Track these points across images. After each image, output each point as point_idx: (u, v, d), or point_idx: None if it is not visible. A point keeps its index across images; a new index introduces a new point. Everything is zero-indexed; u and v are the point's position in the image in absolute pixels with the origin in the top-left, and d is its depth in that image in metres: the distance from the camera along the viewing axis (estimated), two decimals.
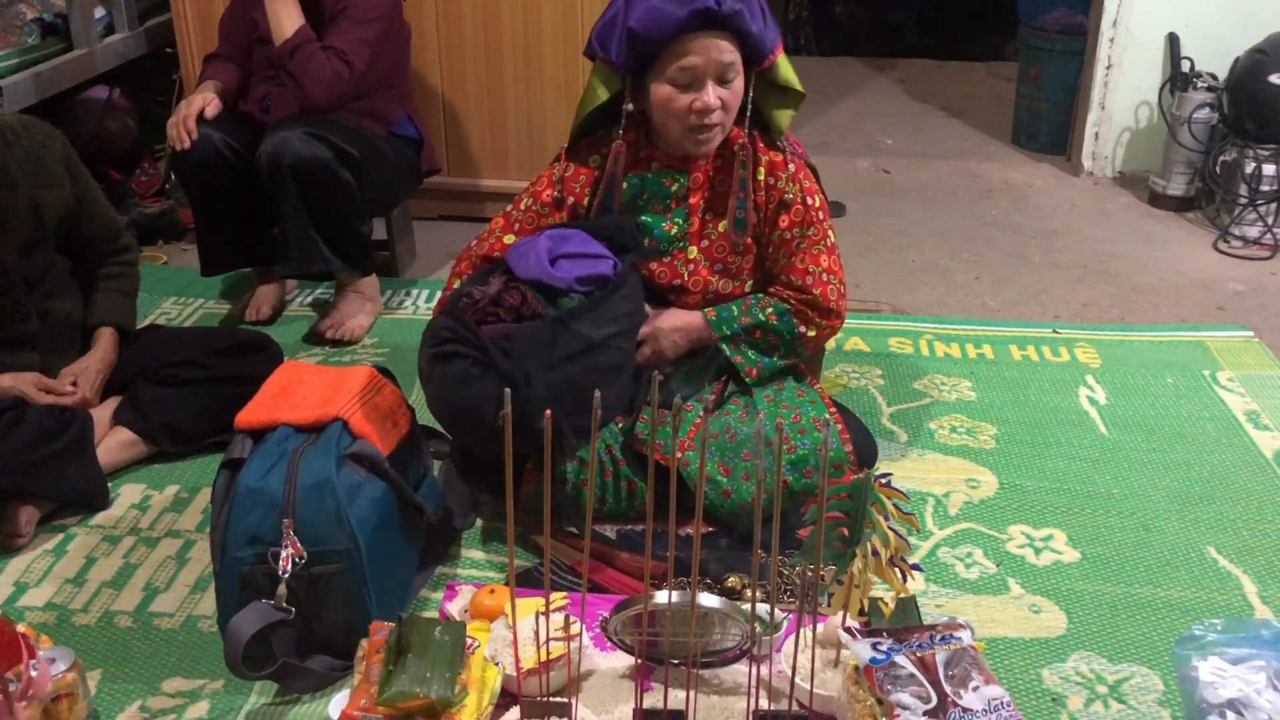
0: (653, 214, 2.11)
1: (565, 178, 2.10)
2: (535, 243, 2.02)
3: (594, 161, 2.11)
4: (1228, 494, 2.21)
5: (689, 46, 1.91)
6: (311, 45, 2.67)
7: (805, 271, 2.08)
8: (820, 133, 4.58)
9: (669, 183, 2.09)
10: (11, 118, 2.22)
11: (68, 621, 1.87)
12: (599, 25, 1.98)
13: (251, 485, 1.70)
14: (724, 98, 1.96)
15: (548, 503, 1.38)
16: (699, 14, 1.88)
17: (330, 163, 2.65)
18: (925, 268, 3.33)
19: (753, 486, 1.97)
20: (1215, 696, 1.52)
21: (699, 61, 1.92)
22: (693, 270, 2.12)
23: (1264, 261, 3.36)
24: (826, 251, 2.10)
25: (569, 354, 1.88)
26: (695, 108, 1.95)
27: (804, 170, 2.10)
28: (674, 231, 2.11)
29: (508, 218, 2.14)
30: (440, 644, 1.51)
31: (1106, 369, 2.69)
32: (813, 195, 2.09)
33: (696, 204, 2.10)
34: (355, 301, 2.86)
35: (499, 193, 3.49)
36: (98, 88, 3.52)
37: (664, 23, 1.89)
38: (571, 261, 2.01)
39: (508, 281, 2.01)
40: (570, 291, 1.99)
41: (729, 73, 1.95)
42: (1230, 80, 3.56)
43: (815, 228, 2.09)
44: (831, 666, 1.60)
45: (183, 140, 2.70)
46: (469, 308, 1.97)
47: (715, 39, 1.92)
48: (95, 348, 2.28)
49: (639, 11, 1.91)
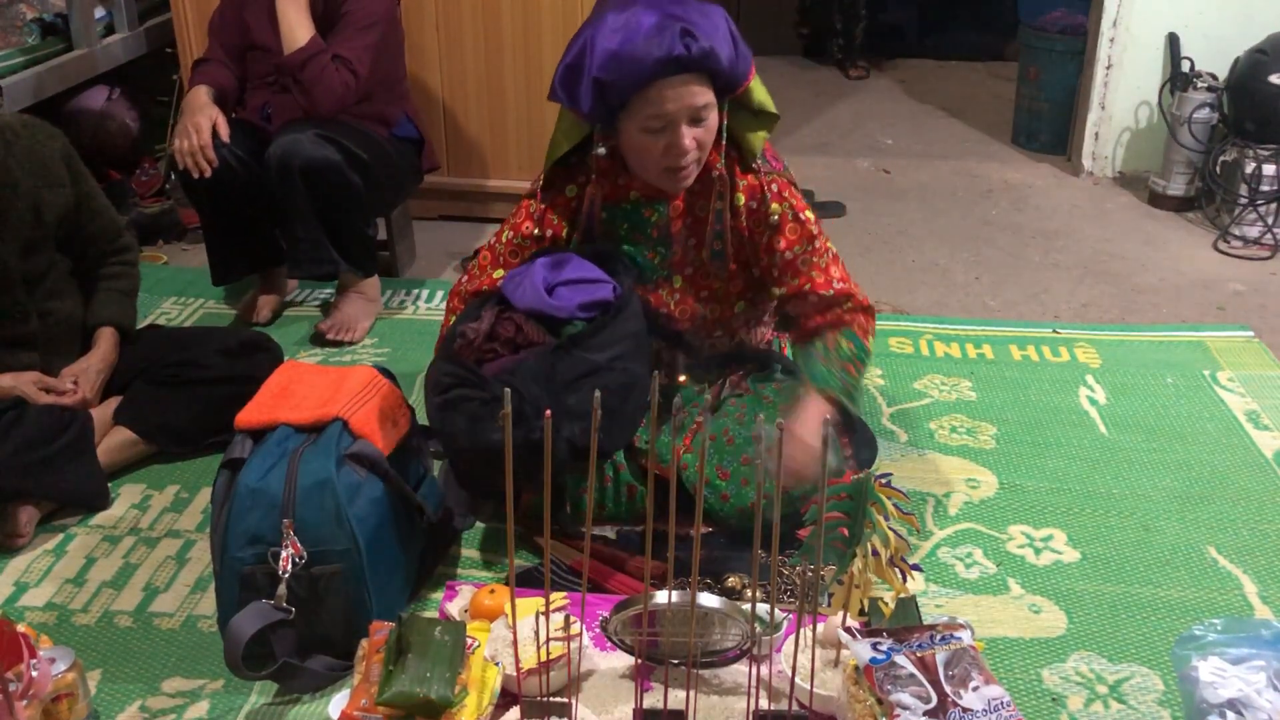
0: (633, 244, 2.05)
1: (543, 213, 2.03)
2: (529, 272, 1.96)
3: (570, 191, 2.03)
4: (1228, 494, 2.21)
5: (660, 94, 1.81)
6: (324, 56, 2.66)
7: (829, 282, 2.03)
8: (820, 133, 4.58)
9: (648, 213, 2.03)
10: (12, 118, 2.22)
11: (68, 621, 1.87)
12: (561, 69, 1.88)
13: (251, 485, 1.70)
14: (698, 137, 1.88)
15: (547, 503, 1.38)
16: (668, 62, 1.78)
17: (340, 165, 2.65)
18: (925, 268, 3.33)
19: (751, 492, 1.96)
20: (1215, 696, 1.52)
21: (671, 109, 1.82)
22: (679, 300, 2.08)
23: (1264, 261, 3.36)
24: (834, 261, 2.05)
25: (573, 378, 1.84)
26: (670, 152, 1.87)
27: (787, 187, 2.02)
28: (656, 261, 2.05)
29: (493, 251, 2.07)
30: (440, 644, 1.51)
31: (1106, 369, 2.69)
32: (803, 210, 2.02)
33: (678, 232, 2.03)
34: (358, 302, 2.86)
35: (499, 193, 3.49)
36: (98, 88, 3.52)
37: (632, 71, 1.79)
38: (570, 288, 1.95)
39: (499, 313, 1.95)
40: (573, 319, 1.93)
41: (703, 113, 1.86)
42: (1230, 80, 3.56)
43: (818, 239, 2.03)
44: (831, 666, 1.61)
45: (203, 169, 2.66)
46: (465, 348, 1.91)
47: (687, 83, 1.81)
48: (96, 348, 2.28)
49: (603, 59, 1.79)
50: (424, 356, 2.63)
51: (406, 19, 3.19)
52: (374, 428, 1.84)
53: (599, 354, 1.89)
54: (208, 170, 2.67)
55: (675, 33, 1.76)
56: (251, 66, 2.85)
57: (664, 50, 1.76)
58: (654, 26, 1.77)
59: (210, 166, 2.66)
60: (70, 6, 3.33)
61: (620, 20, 1.79)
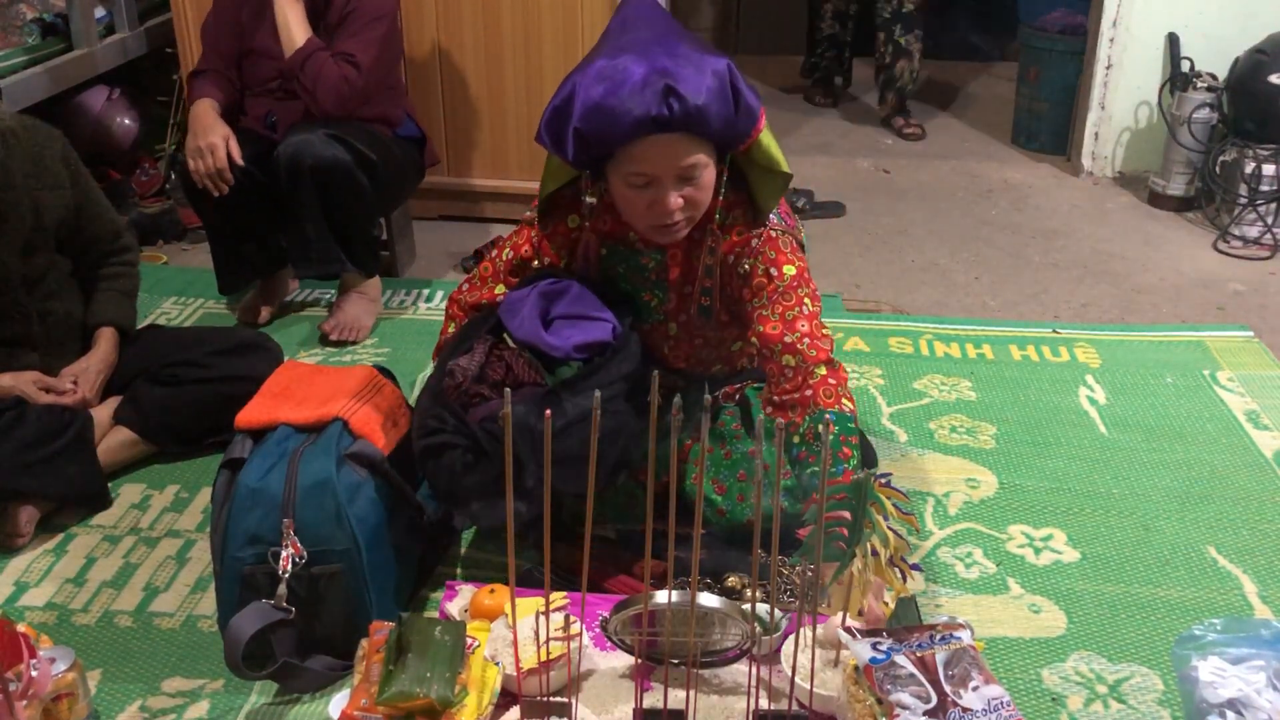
0: (631, 285, 1.96)
1: (541, 241, 1.94)
2: (527, 300, 1.88)
3: (573, 221, 1.92)
4: (1228, 494, 2.21)
5: (643, 153, 1.69)
6: (323, 54, 2.66)
7: (781, 334, 1.83)
8: (820, 133, 4.58)
9: (645, 260, 1.93)
10: (11, 119, 2.22)
11: (68, 621, 1.87)
12: (548, 113, 1.74)
13: (251, 485, 1.70)
14: (688, 195, 1.74)
15: (548, 502, 1.38)
16: (648, 121, 1.64)
17: (349, 165, 2.66)
18: (925, 268, 3.33)
19: (747, 509, 1.94)
20: (1215, 696, 1.52)
21: (651, 169, 1.71)
22: (673, 345, 2.02)
23: (1264, 261, 3.36)
24: (804, 318, 1.84)
25: (563, 425, 1.74)
26: (655, 211, 1.75)
27: (774, 243, 1.86)
28: (653, 304, 1.98)
29: (494, 265, 2.00)
30: (440, 644, 1.51)
31: (1106, 369, 2.69)
32: (779, 266, 1.85)
33: (674, 280, 1.94)
34: (360, 302, 2.86)
35: (499, 193, 3.49)
36: (98, 88, 3.52)
37: (613, 127, 1.66)
38: (569, 324, 1.87)
39: (491, 349, 1.90)
40: (568, 359, 1.87)
41: (692, 172, 1.72)
42: (1230, 80, 3.56)
43: (785, 295, 1.84)
44: (831, 666, 1.60)
45: (221, 190, 2.66)
46: (452, 390, 1.84)
47: (671, 143, 1.68)
48: (96, 348, 2.28)
49: (584, 110, 1.67)
50: (424, 356, 2.64)
51: (406, 19, 3.19)
52: (374, 427, 1.84)
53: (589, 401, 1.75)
54: (225, 190, 2.67)
55: (658, 90, 1.63)
56: (251, 73, 2.84)
57: (643, 109, 1.64)
58: (638, 82, 1.64)
59: (227, 186, 2.66)
60: (70, 6, 3.33)
61: (608, 69, 1.67)
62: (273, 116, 2.81)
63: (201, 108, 2.75)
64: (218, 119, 2.72)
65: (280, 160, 2.65)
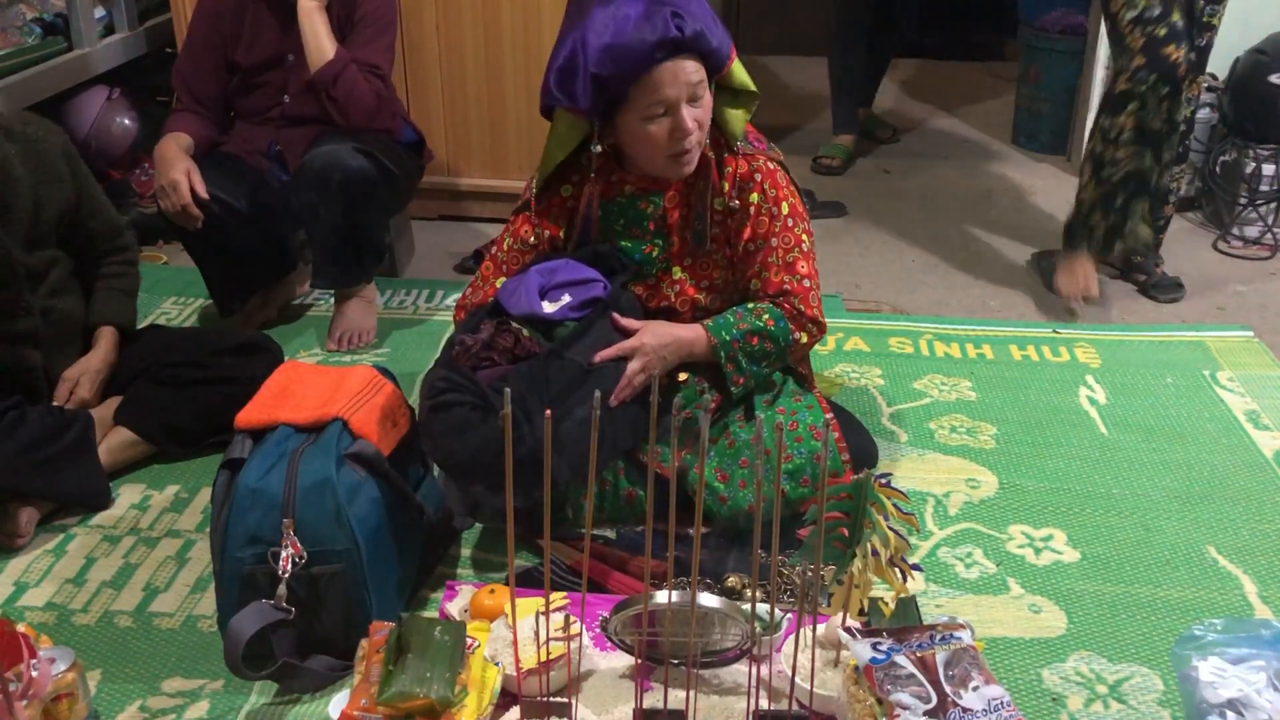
0: (631, 239, 2.07)
1: (541, 215, 2.07)
2: (524, 279, 1.99)
3: (565, 190, 2.06)
4: (1228, 494, 2.21)
5: (660, 78, 1.86)
6: (353, 69, 2.63)
7: (781, 282, 2.03)
8: (820, 133, 4.57)
9: (644, 205, 2.05)
10: (12, 115, 2.22)
11: (68, 621, 1.87)
12: (554, 73, 1.91)
13: (251, 485, 1.70)
14: (698, 117, 1.92)
15: (547, 502, 1.38)
16: (664, 44, 1.83)
17: (375, 178, 2.64)
18: (925, 268, 3.33)
19: (749, 494, 1.97)
20: (1215, 696, 1.52)
21: (671, 93, 1.87)
22: (679, 291, 2.08)
23: (1264, 261, 3.36)
24: (803, 258, 2.05)
25: (564, 387, 1.86)
26: (674, 136, 1.91)
27: (771, 177, 2.03)
28: (655, 254, 2.07)
29: (494, 260, 2.10)
30: (440, 644, 1.51)
31: (1106, 369, 2.69)
32: (779, 203, 2.03)
33: (674, 223, 2.05)
34: (359, 306, 2.85)
35: (499, 193, 3.49)
36: (98, 88, 3.52)
37: (630, 60, 1.84)
38: (564, 290, 1.98)
39: (499, 324, 1.97)
40: (565, 320, 1.96)
41: (699, 90, 1.90)
42: (1230, 80, 3.56)
43: (784, 235, 2.03)
44: (831, 666, 1.61)
45: (193, 225, 2.63)
46: (462, 355, 1.93)
47: (682, 63, 1.87)
48: (96, 347, 2.28)
49: (598, 54, 1.84)
50: (424, 356, 2.64)
51: (406, 19, 3.19)
52: (374, 428, 1.84)
53: (587, 356, 1.90)
54: (197, 225, 2.62)
55: (665, 16, 1.82)
56: (247, 104, 2.79)
57: (657, 34, 1.82)
58: (642, 15, 1.83)
59: (196, 222, 2.62)
60: (70, 6, 3.33)
61: (607, 14, 1.85)
62: (277, 146, 2.77)
63: (163, 145, 2.68)
64: (179, 153, 2.64)
65: (308, 171, 2.60)
